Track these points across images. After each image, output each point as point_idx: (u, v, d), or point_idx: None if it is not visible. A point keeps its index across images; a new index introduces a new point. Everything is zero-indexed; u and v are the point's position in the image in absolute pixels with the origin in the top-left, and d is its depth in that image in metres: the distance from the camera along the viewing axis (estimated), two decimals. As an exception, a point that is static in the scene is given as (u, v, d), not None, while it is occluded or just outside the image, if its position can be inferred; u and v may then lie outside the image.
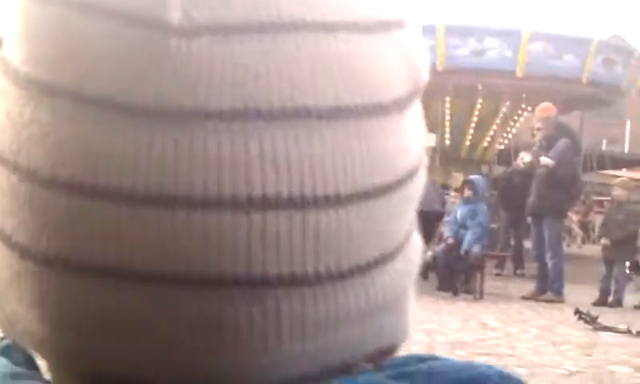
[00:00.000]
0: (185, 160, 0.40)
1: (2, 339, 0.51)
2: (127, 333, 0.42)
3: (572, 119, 16.60)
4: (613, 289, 10.49)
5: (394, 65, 0.47)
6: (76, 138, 0.40)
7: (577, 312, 8.62)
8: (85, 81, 0.40)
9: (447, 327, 8.24)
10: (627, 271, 11.21)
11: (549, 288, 10.56)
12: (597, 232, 14.08)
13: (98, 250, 0.40)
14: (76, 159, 0.40)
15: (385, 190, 0.47)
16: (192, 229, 0.40)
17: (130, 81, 0.39)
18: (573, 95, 16.07)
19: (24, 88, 0.41)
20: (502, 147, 17.90)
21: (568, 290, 10.67)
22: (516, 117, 18.31)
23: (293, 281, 0.43)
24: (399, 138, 0.47)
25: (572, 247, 19.59)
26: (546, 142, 10.59)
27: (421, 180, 0.51)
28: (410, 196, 0.50)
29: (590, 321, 8.50)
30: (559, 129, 10.75)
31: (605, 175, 20.53)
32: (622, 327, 8.38)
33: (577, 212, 19.85)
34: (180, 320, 0.41)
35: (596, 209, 18.03)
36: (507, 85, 15.67)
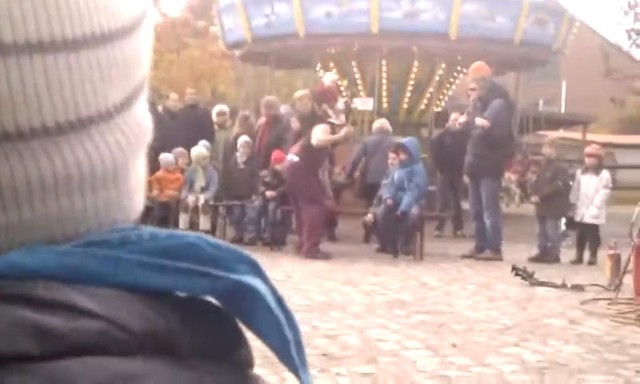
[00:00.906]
0: None
1: None
2: None
3: (508, 81, 16.70)
4: (549, 245, 10.64)
5: None
6: None
7: (513, 268, 8.74)
8: None
9: (386, 287, 8.27)
10: (563, 227, 11.38)
11: (487, 246, 10.67)
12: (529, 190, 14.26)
13: None
14: None
15: (71, 46, 0.48)
16: None
17: None
18: (506, 56, 16.20)
19: None
20: (439, 110, 17.98)
21: (506, 248, 10.80)
22: (452, 79, 18.40)
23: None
24: None
25: (511, 206, 19.86)
26: (481, 103, 10.65)
27: (133, 47, 0.51)
28: (114, 61, 0.50)
29: (526, 276, 8.61)
30: (494, 89, 10.81)
31: (542, 136, 20.78)
32: (557, 282, 8.51)
33: (515, 172, 20.11)
34: None
35: (533, 168, 18.18)
36: (441, 47, 15.71)
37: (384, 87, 17.15)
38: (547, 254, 10.48)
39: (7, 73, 0.46)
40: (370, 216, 11.03)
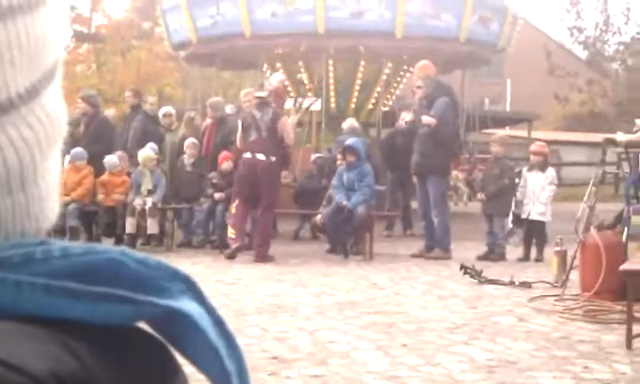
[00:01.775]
0: None
1: None
2: None
3: (453, 79, 16.82)
4: (497, 243, 10.73)
5: None
6: None
7: (462, 267, 8.78)
8: None
9: (336, 288, 8.26)
10: (510, 224, 11.48)
11: (436, 245, 10.72)
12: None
13: None
14: None
15: None
16: None
17: None
18: (452, 55, 16.32)
19: None
20: (387, 109, 18.05)
21: (455, 247, 10.87)
22: (398, 78, 18.50)
23: None
24: None
25: (459, 205, 20.02)
26: (427, 101, 10.69)
27: (40, 26, 0.44)
28: (17, 41, 0.42)
29: (475, 275, 8.67)
30: (439, 88, 10.86)
31: (488, 134, 21.01)
32: (506, 279, 8.58)
33: (462, 170, 20.27)
34: None
35: (480, 167, 18.38)
36: (388, 46, 15.77)
37: (331, 87, 17.17)
38: (494, 252, 10.56)
39: None
40: (319, 217, 11.00)
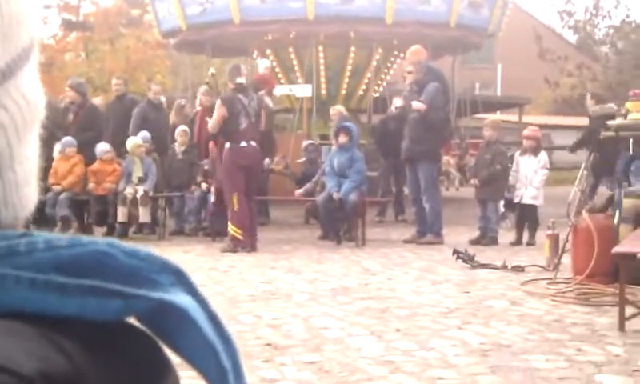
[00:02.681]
0: None
1: None
2: None
3: (444, 64, 16.80)
4: (489, 227, 10.74)
5: None
6: None
7: (455, 252, 8.80)
8: None
9: (329, 275, 8.26)
10: (502, 209, 11.50)
11: (428, 231, 10.72)
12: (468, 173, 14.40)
13: None
14: None
15: None
16: None
17: None
18: (442, 40, 16.30)
19: None
20: (378, 95, 18.03)
21: (447, 232, 10.88)
22: (389, 64, 18.47)
23: None
24: None
25: (451, 190, 20.03)
26: (417, 87, 10.67)
27: (14, 1, 0.41)
28: None
29: (468, 259, 8.68)
30: (429, 73, 10.84)
31: (479, 119, 21.01)
32: (498, 263, 8.59)
33: (454, 155, 20.28)
34: None
35: (471, 151, 18.40)
36: (378, 32, 15.73)
37: (322, 73, 17.13)
38: (486, 237, 10.58)
39: None
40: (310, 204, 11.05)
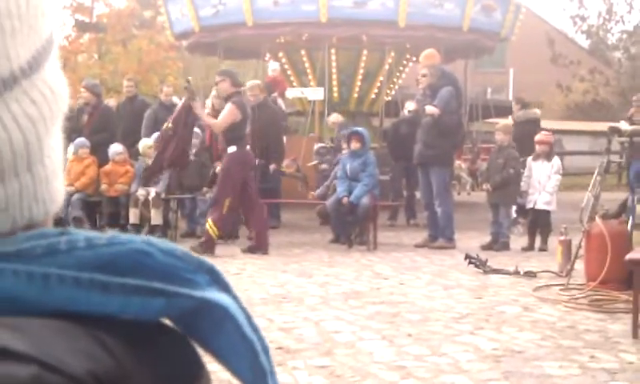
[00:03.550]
0: None
1: None
2: None
3: (456, 68, 16.77)
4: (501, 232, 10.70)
5: None
6: None
7: (467, 257, 8.77)
8: None
9: (341, 278, 8.24)
10: (514, 214, 11.46)
11: (440, 235, 10.69)
12: (480, 178, 14.38)
13: None
14: None
15: None
16: None
17: None
18: (455, 43, 16.25)
19: None
20: (389, 99, 18.00)
21: (459, 237, 10.85)
22: (401, 67, 18.44)
23: None
24: None
25: (462, 194, 19.98)
26: (430, 91, 10.65)
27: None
28: (16, 8, 0.39)
29: (480, 264, 8.65)
30: (443, 77, 10.82)
31: (491, 123, 20.96)
32: (510, 269, 8.56)
33: (465, 160, 20.23)
34: None
35: (483, 156, 18.35)
36: (390, 35, 15.71)
37: (334, 76, 17.12)
38: (498, 242, 10.53)
39: None
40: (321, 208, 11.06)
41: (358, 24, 15.44)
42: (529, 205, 10.69)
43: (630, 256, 6.12)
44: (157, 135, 11.61)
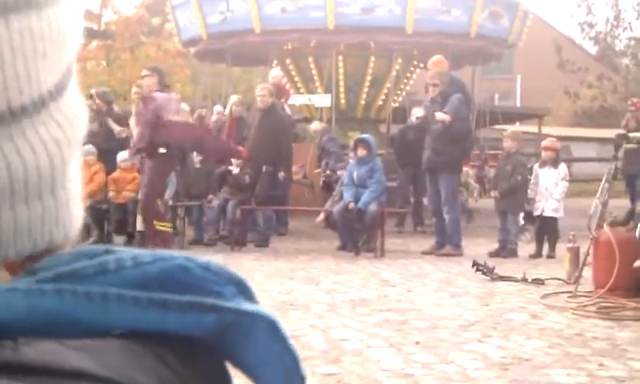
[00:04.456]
0: None
1: None
2: None
3: (463, 75, 16.77)
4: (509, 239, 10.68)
5: None
6: None
7: (474, 264, 8.75)
8: None
9: (348, 286, 8.24)
10: (522, 221, 11.44)
11: (447, 242, 10.68)
12: (488, 185, 14.36)
13: None
14: None
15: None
16: None
17: None
18: (462, 50, 16.27)
19: None
20: (397, 105, 18.01)
21: (466, 243, 10.83)
22: (408, 74, 18.45)
23: None
24: None
25: (469, 201, 19.96)
26: (441, 97, 10.64)
27: (64, 17, 0.42)
28: (47, 32, 0.40)
29: (487, 272, 8.63)
30: (452, 84, 10.81)
31: (498, 130, 20.94)
32: (518, 276, 8.54)
33: (473, 166, 20.21)
34: None
35: (491, 163, 18.33)
36: (398, 42, 15.73)
37: (341, 83, 17.14)
38: (506, 249, 10.51)
39: None
40: (322, 216, 11.06)
41: (366, 31, 15.47)
42: (536, 212, 10.67)
43: (638, 264, 6.10)
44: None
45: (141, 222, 11.01)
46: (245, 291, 0.43)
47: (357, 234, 10.81)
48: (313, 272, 9.12)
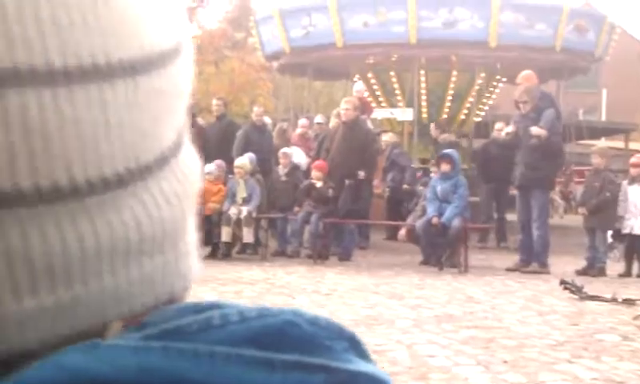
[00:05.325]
0: None
1: None
2: None
3: (548, 89, 16.52)
4: (597, 257, 10.45)
5: None
6: None
7: (562, 282, 8.57)
8: None
9: (433, 301, 8.17)
10: (610, 239, 11.18)
11: (534, 259, 10.49)
12: (576, 201, 14.08)
13: None
14: None
15: (129, 70, 0.38)
16: None
17: None
18: (547, 64, 16.03)
19: None
20: (479, 120, 17.84)
21: (552, 261, 10.64)
22: (491, 88, 18.26)
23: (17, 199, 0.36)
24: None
25: (554, 218, 19.64)
26: (534, 112, 10.44)
27: (180, 73, 0.42)
28: (168, 90, 0.41)
29: (576, 290, 8.44)
30: (543, 98, 10.63)
31: (583, 145, 20.55)
32: (608, 296, 8.33)
33: (558, 182, 19.89)
34: None
35: (576, 179, 18.03)
36: (481, 56, 15.61)
37: (423, 97, 17.07)
38: (594, 267, 10.28)
39: (58, 107, 0.36)
40: (403, 231, 11.04)
41: (448, 45, 15.39)
42: (625, 230, 10.42)
43: None
44: (251, 155, 11.76)
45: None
46: (356, 347, 0.42)
47: (440, 249, 10.73)
48: (396, 287, 9.08)
